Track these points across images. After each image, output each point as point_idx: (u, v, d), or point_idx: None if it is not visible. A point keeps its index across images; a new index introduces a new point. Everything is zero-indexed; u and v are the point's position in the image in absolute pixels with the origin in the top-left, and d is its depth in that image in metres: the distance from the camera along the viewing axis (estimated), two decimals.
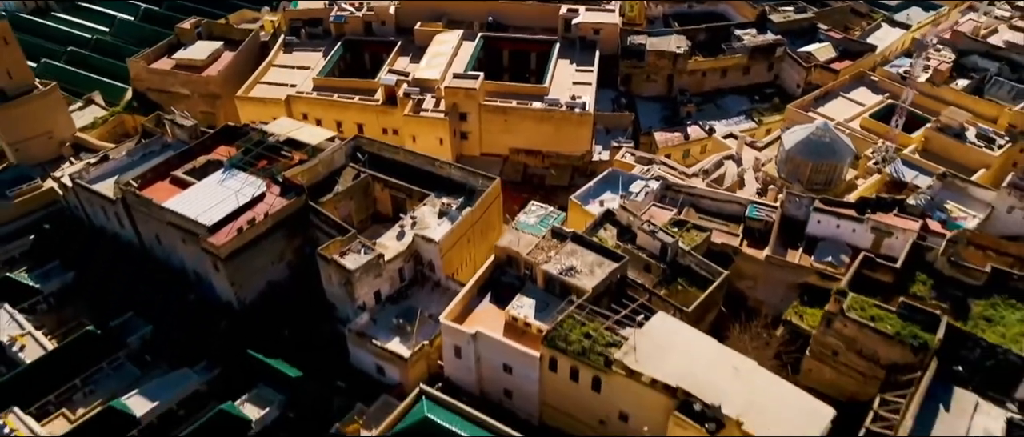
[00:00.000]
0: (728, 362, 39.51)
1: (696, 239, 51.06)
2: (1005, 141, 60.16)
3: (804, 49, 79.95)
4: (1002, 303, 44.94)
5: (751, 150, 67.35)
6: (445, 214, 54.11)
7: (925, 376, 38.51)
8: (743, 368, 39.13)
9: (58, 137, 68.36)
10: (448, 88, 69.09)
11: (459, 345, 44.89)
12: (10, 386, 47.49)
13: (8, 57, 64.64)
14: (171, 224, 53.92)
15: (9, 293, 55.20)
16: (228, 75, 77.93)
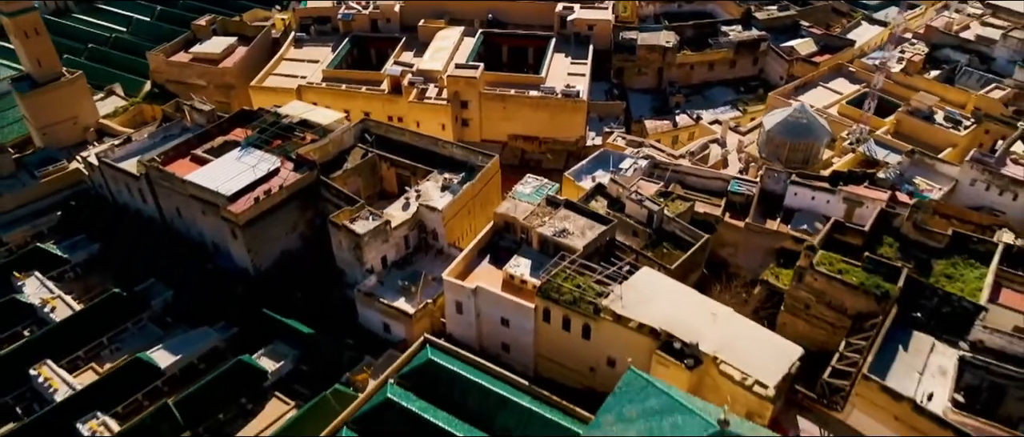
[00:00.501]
0: (706, 309, 42.78)
1: (680, 208, 54.44)
2: (971, 123, 63.76)
3: (787, 44, 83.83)
4: (962, 263, 48.26)
5: (735, 134, 70.92)
6: (447, 188, 57.56)
7: (886, 321, 41.80)
8: (720, 313, 42.42)
9: (83, 123, 71.95)
10: (450, 77, 72.81)
11: (460, 300, 48.13)
12: (42, 341, 50.80)
13: (38, 46, 68.40)
14: (192, 196, 57.37)
15: (39, 262, 58.61)
16: (242, 67, 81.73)
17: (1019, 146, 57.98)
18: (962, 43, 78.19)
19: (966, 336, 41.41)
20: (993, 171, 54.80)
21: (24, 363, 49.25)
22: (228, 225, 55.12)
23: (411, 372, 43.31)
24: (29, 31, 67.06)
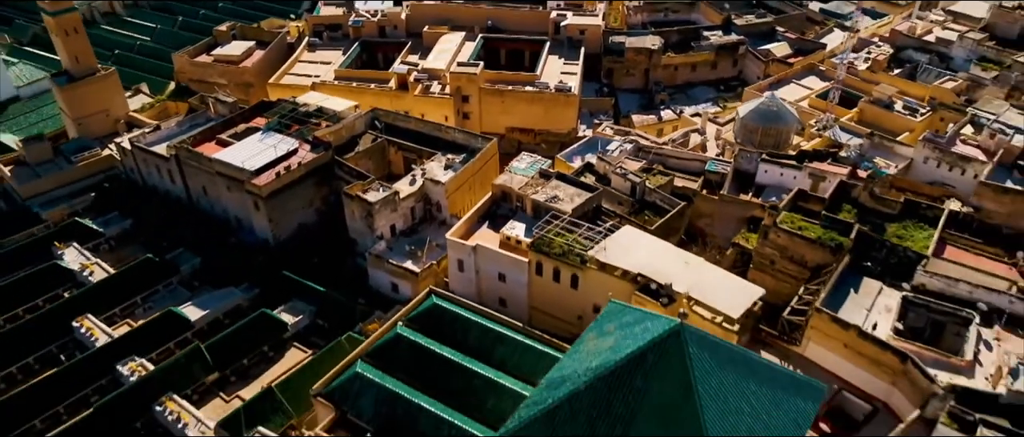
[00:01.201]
0: (680, 258, 47.54)
1: (661, 181, 59.45)
2: (926, 111, 69.03)
3: (763, 47, 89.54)
4: (912, 226, 52.98)
5: (713, 125, 76.16)
6: (450, 167, 62.53)
7: (839, 267, 46.55)
8: (691, 261, 47.21)
9: (114, 115, 77.16)
10: (452, 73, 78.30)
11: (462, 258, 52.86)
12: (83, 299, 55.36)
13: (76, 44, 73.89)
14: (218, 173, 62.37)
15: (77, 235, 63.27)
16: (260, 68, 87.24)
17: (969, 129, 63.08)
18: (924, 45, 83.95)
19: (910, 281, 46.10)
20: (943, 149, 59.87)
21: (67, 317, 53.79)
22: (252, 197, 60.05)
23: (418, 315, 47.80)
24: (69, 30, 72.61)
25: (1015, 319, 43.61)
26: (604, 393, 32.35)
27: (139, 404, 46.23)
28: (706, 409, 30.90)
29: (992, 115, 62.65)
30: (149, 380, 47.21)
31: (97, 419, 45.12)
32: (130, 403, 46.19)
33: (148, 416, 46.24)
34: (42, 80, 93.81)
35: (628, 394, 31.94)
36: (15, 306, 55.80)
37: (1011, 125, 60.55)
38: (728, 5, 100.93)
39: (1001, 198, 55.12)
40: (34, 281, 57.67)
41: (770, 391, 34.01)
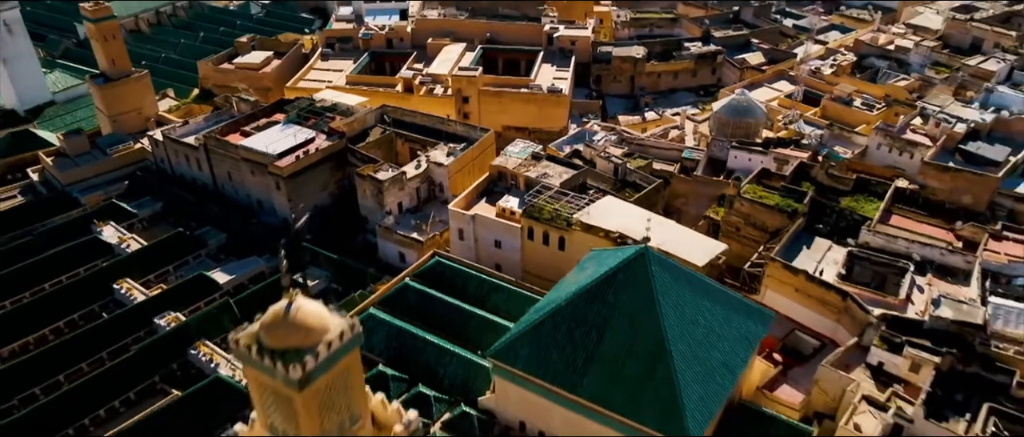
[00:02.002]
0: (655, 220, 53.07)
1: (640, 163, 65.41)
2: (882, 106, 75.34)
3: (739, 56, 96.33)
4: (863, 199, 58.77)
5: (691, 121, 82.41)
6: (451, 154, 68.54)
7: (793, 228, 52.23)
8: (666, 223, 52.94)
9: (145, 114, 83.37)
10: (454, 76, 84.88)
11: (462, 227, 58.55)
12: (121, 265, 60.87)
13: (113, 49, 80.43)
14: (243, 159, 68.29)
15: (114, 214, 68.93)
16: (277, 75, 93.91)
17: (918, 120, 69.23)
18: (885, 53, 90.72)
19: (856, 239, 51.72)
20: (894, 137, 65.93)
21: (107, 281, 59.22)
22: (273, 179, 65.87)
23: (423, 272, 53.21)
24: (108, 36, 79.23)
25: (945, 269, 49.16)
26: (581, 307, 37.84)
27: (175, 348, 51.55)
28: (665, 317, 36.31)
29: (938, 107, 68.89)
30: (184, 328, 52.61)
31: (137, 360, 50.37)
32: (167, 347, 51.48)
33: (183, 359, 51.49)
34: (75, 87, 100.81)
35: (601, 306, 37.42)
36: (60, 273, 61.24)
37: (954, 115, 66.68)
38: (708, 21, 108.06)
39: (942, 176, 60.98)
40: (76, 252, 63.21)
41: (723, 310, 39.54)
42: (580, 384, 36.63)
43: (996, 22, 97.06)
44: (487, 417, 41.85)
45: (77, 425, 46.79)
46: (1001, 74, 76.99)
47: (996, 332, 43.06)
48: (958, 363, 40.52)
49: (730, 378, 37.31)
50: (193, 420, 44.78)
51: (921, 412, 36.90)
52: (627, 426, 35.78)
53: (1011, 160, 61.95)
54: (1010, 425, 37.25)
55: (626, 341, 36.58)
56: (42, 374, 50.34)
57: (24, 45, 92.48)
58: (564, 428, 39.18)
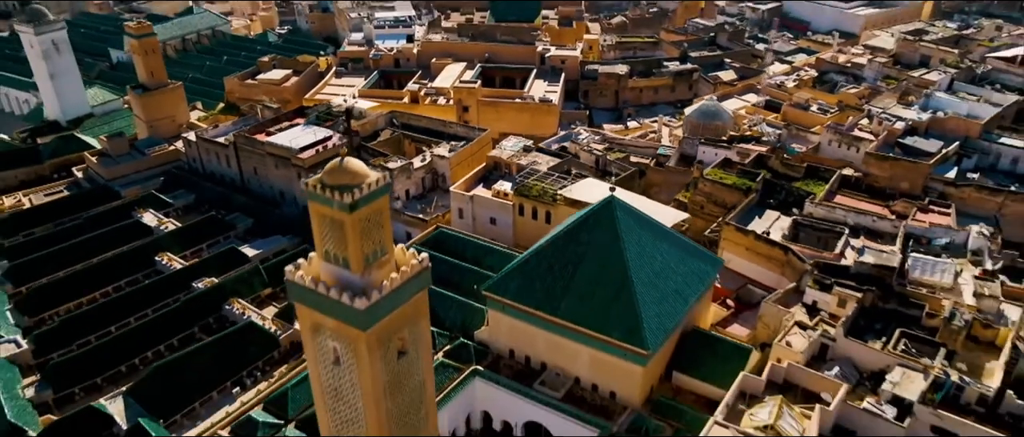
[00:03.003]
0: (627, 194, 60.35)
1: (619, 155, 73.03)
2: (835, 110, 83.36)
3: (713, 74, 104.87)
4: (812, 183, 66.21)
5: (667, 127, 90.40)
6: (453, 150, 76.27)
7: (746, 201, 59.51)
8: (638, 198, 60.10)
9: (178, 121, 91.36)
10: (455, 88, 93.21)
11: (462, 206, 65.85)
12: (161, 242, 67.86)
13: (153, 62, 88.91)
14: (269, 154, 75.90)
15: (152, 204, 76.22)
16: (295, 89, 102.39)
17: (865, 121, 77.07)
18: (842, 68, 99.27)
19: (801, 210, 58.96)
20: (842, 133, 73.66)
21: (149, 254, 66.20)
22: (296, 170, 73.36)
23: (426, 242, 60.34)
24: (148, 50, 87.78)
25: (876, 233, 56.24)
26: (560, 246, 45.02)
27: (212, 305, 58.31)
28: (628, 252, 43.40)
29: (881, 109, 76.81)
30: (219, 288, 59.45)
31: (179, 312, 57.09)
32: (205, 303, 58.23)
33: (218, 314, 58.19)
34: (110, 101, 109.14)
35: (576, 245, 44.57)
36: (106, 250, 68.16)
37: (895, 115, 74.55)
38: (686, 45, 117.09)
39: (882, 165, 68.42)
40: (120, 233, 70.26)
41: (679, 252, 46.70)
42: (559, 307, 43.55)
43: (947, 43, 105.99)
44: (482, 347, 48.57)
45: (128, 363, 53.29)
46: (942, 84, 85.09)
47: (914, 279, 49.92)
48: (878, 300, 47.43)
49: (682, 304, 44.23)
50: (230, 355, 51.35)
51: (842, 331, 43.70)
52: (598, 340, 42.60)
53: (943, 151, 69.58)
54: (917, 345, 43.95)
55: (596, 272, 43.61)
56: (95, 326, 56.93)
57: (69, 62, 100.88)
58: (547, 351, 46.00)
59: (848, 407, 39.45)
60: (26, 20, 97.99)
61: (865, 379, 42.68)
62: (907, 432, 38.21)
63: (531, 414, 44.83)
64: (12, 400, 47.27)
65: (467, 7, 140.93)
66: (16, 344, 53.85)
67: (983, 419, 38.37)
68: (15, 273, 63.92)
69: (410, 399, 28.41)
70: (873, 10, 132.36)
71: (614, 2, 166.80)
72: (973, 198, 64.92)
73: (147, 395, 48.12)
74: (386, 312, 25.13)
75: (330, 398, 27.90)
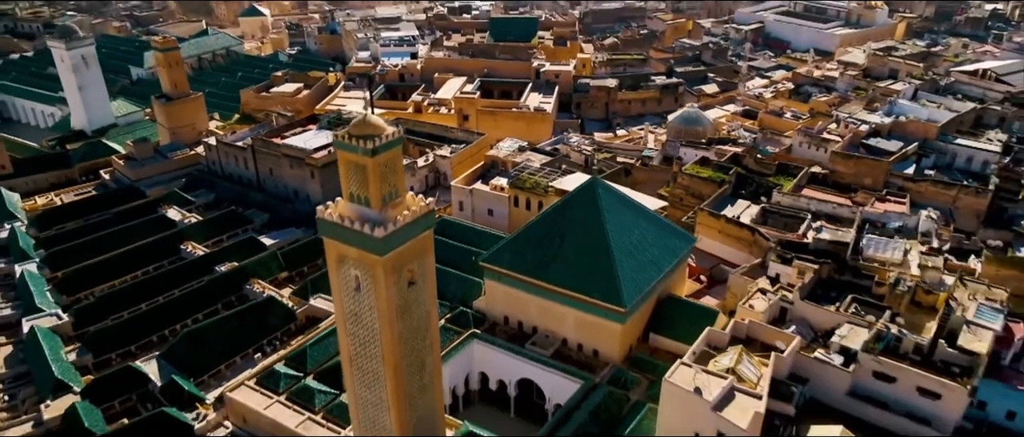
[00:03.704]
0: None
1: (606, 155, 78.55)
2: (806, 116, 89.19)
3: (697, 87, 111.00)
4: (783, 178, 71.58)
5: (652, 134, 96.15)
6: (454, 151, 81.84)
7: (719, 191, 64.83)
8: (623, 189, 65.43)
9: (198, 128, 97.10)
10: (456, 98, 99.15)
11: (462, 199, 71.14)
12: (184, 233, 72.96)
13: (176, 74, 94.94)
14: (284, 155, 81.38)
15: (176, 201, 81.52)
16: (307, 100, 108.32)
17: (834, 125, 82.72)
18: (817, 81, 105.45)
19: (769, 200, 64.26)
20: (811, 135, 79.29)
21: (174, 243, 71.30)
22: (309, 169, 78.79)
23: None
24: (172, 63, 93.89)
25: (836, 218, 61.35)
26: (549, 221, 50.25)
27: (233, 284, 63.24)
28: (609, 226, 48.57)
29: (848, 114, 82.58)
30: (241, 270, 64.45)
31: (204, 291, 62.00)
32: (227, 283, 63.18)
33: (239, 293, 63.08)
34: (132, 113, 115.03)
35: (562, 220, 49.79)
36: (133, 241, 73.22)
37: (861, 119, 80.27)
38: (673, 62, 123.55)
39: (847, 162, 73.80)
40: (147, 226, 75.44)
41: (655, 228, 51.92)
42: (548, 274, 48.57)
43: (915, 59, 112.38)
44: (480, 315, 53.47)
45: (158, 334, 58.06)
46: (907, 93, 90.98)
47: (868, 256, 54.94)
48: (834, 272, 52.44)
49: (657, 271, 49.27)
50: (252, 325, 56.19)
51: (799, 296, 48.64)
52: (582, 302, 47.55)
53: (903, 151, 75.11)
54: (866, 308, 48.83)
55: (580, 243, 48.74)
56: (128, 303, 61.78)
57: (96, 75, 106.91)
58: (537, 316, 50.93)
59: (801, 357, 44.19)
60: (58, 36, 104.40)
61: (819, 337, 47.48)
62: (853, 377, 42.99)
63: (524, 371, 49.55)
64: (57, 362, 52.01)
65: (467, 28, 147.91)
66: (57, 317, 58.76)
67: (919, 365, 43.12)
68: (52, 260, 68.96)
69: (417, 325, 33.40)
70: (849, 30, 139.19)
71: (607, 25, 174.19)
72: (929, 192, 70.22)
73: (178, 358, 52.94)
74: (399, 242, 30.27)
75: (351, 323, 32.91)
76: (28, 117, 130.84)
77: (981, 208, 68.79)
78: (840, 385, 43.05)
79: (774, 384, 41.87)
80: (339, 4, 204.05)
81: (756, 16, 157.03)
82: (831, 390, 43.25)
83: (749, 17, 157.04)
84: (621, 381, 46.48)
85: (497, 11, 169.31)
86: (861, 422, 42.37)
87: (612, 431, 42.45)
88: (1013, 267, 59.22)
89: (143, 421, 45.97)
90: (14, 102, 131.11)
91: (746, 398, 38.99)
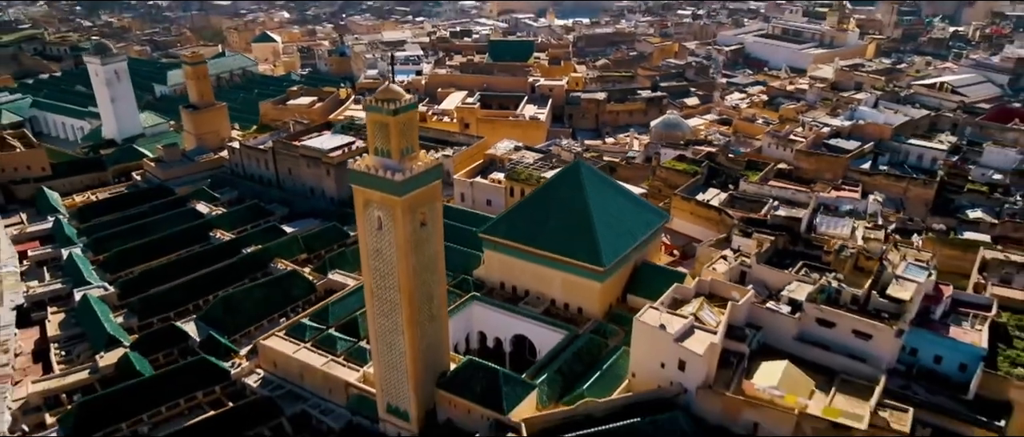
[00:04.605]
0: None
1: (593, 155, 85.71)
2: (776, 122, 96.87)
3: (680, 100, 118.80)
4: (752, 173, 78.64)
5: (637, 140, 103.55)
6: (455, 152, 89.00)
7: (692, 180, 71.82)
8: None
9: (221, 135, 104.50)
10: (458, 108, 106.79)
11: (463, 191, 78.06)
12: (212, 222, 79.75)
13: (202, 86, 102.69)
14: (302, 155, 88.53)
15: (203, 197, 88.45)
16: (322, 111, 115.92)
17: (800, 129, 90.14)
18: (789, 94, 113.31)
19: (736, 188, 71.23)
20: (779, 137, 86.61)
21: (203, 231, 78.04)
22: (325, 167, 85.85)
23: None
24: (199, 75, 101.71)
25: (794, 202, 68.15)
26: (539, 197, 57.22)
27: (259, 264, 69.82)
28: (590, 200, 55.41)
29: (811, 119, 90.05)
30: (266, 251, 71.10)
31: (234, 268, 68.53)
32: (253, 262, 69.78)
33: (264, 270, 69.60)
34: (158, 125, 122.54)
35: (550, 196, 56.69)
36: (166, 229, 79.93)
37: (824, 122, 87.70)
38: (658, 78, 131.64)
39: (809, 159, 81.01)
40: (178, 217, 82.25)
41: (632, 205, 58.83)
42: (538, 241, 55.28)
43: (880, 74, 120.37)
44: (479, 283, 60.00)
45: (193, 302, 64.45)
46: (869, 102, 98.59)
47: (821, 232, 61.68)
48: (789, 244, 59.16)
49: (632, 239, 56.03)
50: (278, 294, 62.70)
51: (756, 260, 55.27)
52: (567, 264, 54.16)
53: (860, 149, 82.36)
54: (813, 272, 55.41)
55: (566, 214, 55.55)
56: (165, 278, 68.22)
57: (127, 89, 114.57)
58: (529, 280, 57.53)
59: (756, 307, 50.65)
60: (94, 52, 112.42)
61: (773, 295, 53.99)
62: (799, 324, 49.39)
63: (517, 328, 55.92)
64: (108, 322, 58.40)
65: (468, 50, 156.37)
66: (104, 289, 65.26)
67: (855, 313, 49.55)
68: (94, 245, 75.64)
69: (428, 261, 40.09)
70: (822, 50, 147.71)
71: (599, 48, 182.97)
72: (883, 184, 77.22)
73: (213, 319, 59.36)
74: (414, 187, 37.13)
75: (373, 258, 39.60)
76: (58, 130, 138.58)
77: (928, 198, 75.68)
78: (788, 331, 49.36)
79: (731, 328, 48.33)
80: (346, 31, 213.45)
81: (737, 38, 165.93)
82: (781, 335, 49.54)
83: (731, 39, 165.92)
84: (601, 331, 52.86)
85: (496, 34, 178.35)
86: (807, 362, 48.68)
87: (591, 367, 48.74)
88: (953, 247, 66.09)
89: (186, 366, 52.24)
90: (45, 117, 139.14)
91: (704, 334, 45.44)
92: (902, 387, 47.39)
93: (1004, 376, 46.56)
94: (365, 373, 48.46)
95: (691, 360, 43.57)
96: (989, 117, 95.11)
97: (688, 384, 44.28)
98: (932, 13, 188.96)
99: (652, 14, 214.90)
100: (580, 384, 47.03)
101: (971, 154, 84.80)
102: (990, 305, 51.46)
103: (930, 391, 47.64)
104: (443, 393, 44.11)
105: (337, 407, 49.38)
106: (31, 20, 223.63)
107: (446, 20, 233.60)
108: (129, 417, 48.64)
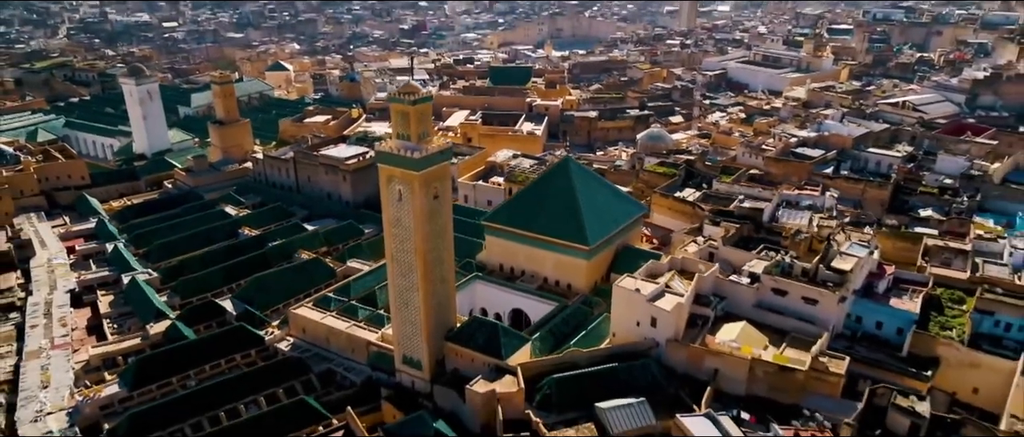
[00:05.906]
0: None
1: (584, 162, 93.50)
2: (750, 134, 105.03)
3: (665, 118, 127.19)
4: (726, 176, 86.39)
5: (624, 152, 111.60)
6: (459, 160, 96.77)
7: (670, 181, 79.45)
8: None
9: (245, 148, 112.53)
10: (461, 123, 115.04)
11: (466, 193, 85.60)
12: (240, 221, 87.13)
13: (228, 102, 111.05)
14: (321, 163, 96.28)
15: (229, 202, 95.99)
16: (336, 128, 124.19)
17: (771, 140, 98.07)
18: (765, 112, 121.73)
19: (711, 187, 78.81)
20: (751, 146, 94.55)
21: (233, 229, 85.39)
22: (342, 173, 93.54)
23: None
24: (226, 94, 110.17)
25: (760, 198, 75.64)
26: (533, 189, 64.77)
27: (284, 255, 77.04)
28: (578, 192, 62.92)
29: (781, 130, 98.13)
30: (290, 242, 78.37)
31: (263, 256, 75.71)
32: (279, 253, 76.98)
33: (290, 260, 76.74)
34: (184, 141, 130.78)
35: (543, 189, 64.21)
36: (199, 227, 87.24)
37: (791, 133, 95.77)
38: (646, 98, 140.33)
39: (777, 164, 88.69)
40: (209, 217, 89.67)
41: (616, 197, 66.40)
42: (532, 225, 62.65)
43: (850, 94, 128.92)
44: (481, 266, 67.17)
45: (227, 286, 71.50)
46: (835, 117, 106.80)
47: (781, 223, 69.08)
48: (752, 231, 66.51)
49: (615, 225, 63.42)
50: (303, 277, 69.84)
51: (722, 243, 62.56)
52: (558, 245, 61.43)
53: (823, 156, 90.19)
54: (772, 254, 62.63)
55: (557, 203, 63.00)
56: (201, 267, 75.33)
57: (158, 108, 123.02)
58: (525, 261, 64.71)
59: (720, 280, 57.76)
60: (128, 74, 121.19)
61: (737, 271, 61.10)
62: (757, 293, 56.43)
63: (514, 302, 62.94)
64: (155, 299, 65.42)
65: (470, 76, 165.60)
66: (149, 274, 72.38)
67: (805, 283, 56.66)
68: (135, 240, 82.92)
69: (439, 230, 47.42)
70: (799, 75, 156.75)
71: (593, 75, 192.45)
72: (843, 186, 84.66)
73: (248, 298, 66.39)
74: (429, 164, 44.67)
75: (394, 226, 46.94)
76: (88, 148, 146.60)
77: (884, 198, 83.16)
78: (748, 299, 56.37)
79: (698, 297, 55.40)
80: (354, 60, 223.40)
81: (721, 64, 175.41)
82: (742, 303, 56.53)
83: (715, 65, 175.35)
84: (588, 303, 59.87)
85: (496, 62, 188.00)
86: (765, 325, 55.57)
87: (578, 329, 55.69)
88: (903, 239, 73.35)
89: (226, 332, 59.17)
90: (77, 135, 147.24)
91: (673, 297, 52.51)
92: (847, 348, 54.28)
93: (932, 336, 53.57)
94: (383, 333, 55.41)
95: (661, 317, 50.56)
96: (944, 131, 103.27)
97: (659, 338, 51.20)
98: (903, 41, 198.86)
99: (643, 44, 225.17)
100: (568, 342, 53.93)
101: (926, 162, 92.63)
102: (927, 282, 58.68)
103: (870, 350, 54.62)
104: (451, 345, 50.95)
105: (358, 365, 56.19)
106: (58, 50, 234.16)
107: (449, 50, 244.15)
108: (178, 373, 55.42)
